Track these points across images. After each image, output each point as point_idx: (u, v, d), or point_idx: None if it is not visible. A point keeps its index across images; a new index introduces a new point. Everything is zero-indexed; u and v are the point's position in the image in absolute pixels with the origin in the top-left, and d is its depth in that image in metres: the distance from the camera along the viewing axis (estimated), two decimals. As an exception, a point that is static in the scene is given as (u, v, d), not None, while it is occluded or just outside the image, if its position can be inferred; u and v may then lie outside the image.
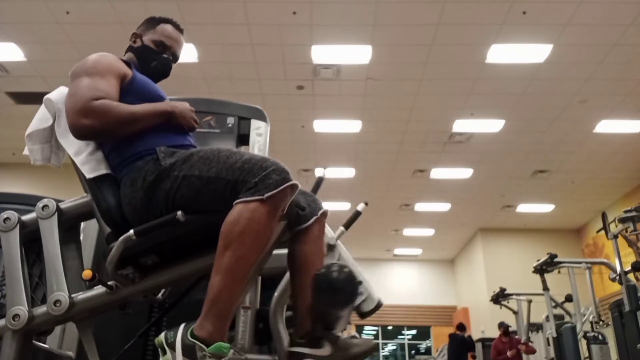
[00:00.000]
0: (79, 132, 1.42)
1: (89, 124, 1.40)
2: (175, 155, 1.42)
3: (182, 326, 1.23)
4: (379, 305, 1.75)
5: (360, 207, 1.91)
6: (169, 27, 1.77)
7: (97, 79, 1.47)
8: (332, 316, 1.38)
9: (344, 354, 1.32)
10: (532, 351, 8.05)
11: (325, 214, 1.56)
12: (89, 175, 1.44)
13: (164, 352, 1.22)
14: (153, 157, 1.42)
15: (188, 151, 1.42)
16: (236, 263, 1.22)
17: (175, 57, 1.77)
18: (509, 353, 8.06)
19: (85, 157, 1.48)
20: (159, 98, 1.59)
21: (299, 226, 1.51)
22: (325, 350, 1.32)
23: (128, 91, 1.53)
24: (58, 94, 1.59)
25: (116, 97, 1.48)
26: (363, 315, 1.75)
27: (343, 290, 1.34)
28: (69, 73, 1.53)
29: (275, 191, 1.26)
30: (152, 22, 1.77)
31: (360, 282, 1.42)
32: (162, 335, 1.24)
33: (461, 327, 10.35)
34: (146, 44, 1.72)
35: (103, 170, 1.47)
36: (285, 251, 1.69)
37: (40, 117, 1.60)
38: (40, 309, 1.40)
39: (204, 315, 1.22)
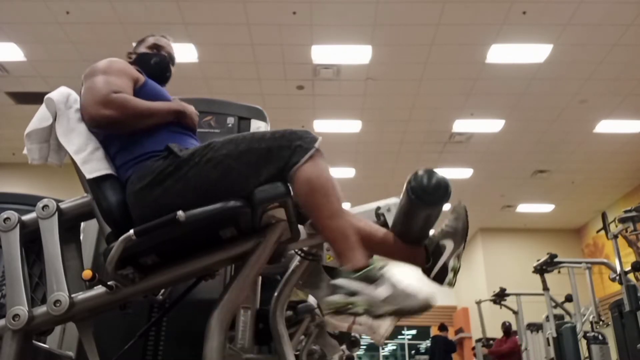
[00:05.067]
0: (99, 122, 1.49)
1: (110, 114, 1.46)
2: (189, 149, 1.44)
3: (338, 282, 1.25)
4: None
5: None
6: (156, 36, 1.91)
7: (113, 77, 1.55)
8: (428, 222, 1.40)
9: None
10: (496, 351, 8.21)
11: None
12: (89, 176, 1.44)
13: (346, 306, 1.22)
14: (168, 153, 1.43)
15: (203, 144, 1.45)
16: (339, 203, 1.32)
17: (172, 58, 1.89)
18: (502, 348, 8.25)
19: (85, 156, 1.47)
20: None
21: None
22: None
23: (139, 95, 1.58)
24: (59, 93, 1.58)
25: (131, 94, 1.55)
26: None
27: (436, 191, 1.36)
28: (82, 76, 1.58)
29: (318, 143, 1.34)
30: (140, 40, 1.92)
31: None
32: (334, 299, 1.24)
33: (443, 327, 10.40)
34: (141, 52, 1.85)
35: (104, 170, 1.46)
36: (285, 251, 1.69)
37: (40, 117, 1.59)
38: (40, 309, 1.40)
39: (345, 255, 1.28)
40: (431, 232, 1.46)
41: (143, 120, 1.51)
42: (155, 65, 1.80)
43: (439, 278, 1.37)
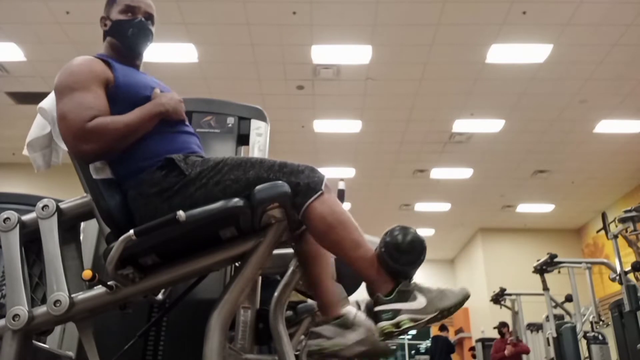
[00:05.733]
0: (82, 158, 1.42)
1: (90, 148, 1.39)
2: (197, 164, 1.41)
3: (379, 308, 1.31)
4: None
5: (341, 184, 1.92)
6: None
7: (84, 93, 1.43)
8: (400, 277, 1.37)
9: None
10: (521, 350, 8.08)
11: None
12: (96, 176, 1.43)
13: (396, 327, 1.28)
14: (171, 166, 1.41)
15: (212, 160, 1.41)
16: (358, 231, 1.37)
17: (150, 17, 1.66)
18: (506, 352, 8.11)
19: None
20: (146, 99, 1.52)
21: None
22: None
23: (115, 100, 1.48)
24: (51, 100, 1.55)
25: (106, 108, 1.44)
26: None
27: (411, 252, 1.34)
28: (54, 82, 1.49)
29: (324, 184, 1.37)
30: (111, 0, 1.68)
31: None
32: (383, 325, 1.30)
33: (443, 327, 10.40)
34: (115, 18, 1.62)
35: (109, 175, 1.46)
36: (284, 251, 1.69)
37: (38, 125, 1.60)
38: (40, 309, 1.40)
39: (376, 281, 1.33)
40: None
41: (126, 140, 1.43)
42: (132, 37, 1.60)
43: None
